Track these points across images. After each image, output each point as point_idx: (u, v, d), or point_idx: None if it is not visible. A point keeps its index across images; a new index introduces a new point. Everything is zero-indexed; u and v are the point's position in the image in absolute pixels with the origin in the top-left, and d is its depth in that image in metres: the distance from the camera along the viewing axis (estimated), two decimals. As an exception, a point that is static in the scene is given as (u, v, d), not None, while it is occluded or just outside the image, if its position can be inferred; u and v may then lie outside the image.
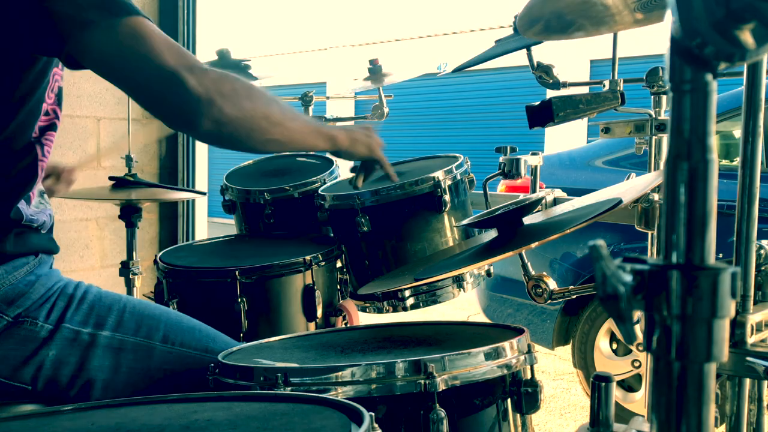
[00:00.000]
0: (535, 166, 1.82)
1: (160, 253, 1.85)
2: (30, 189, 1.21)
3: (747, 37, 0.44)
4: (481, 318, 3.94)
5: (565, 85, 1.88)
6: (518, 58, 1.88)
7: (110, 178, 2.07)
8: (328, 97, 3.15)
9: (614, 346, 3.42)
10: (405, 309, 1.76)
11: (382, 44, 13.87)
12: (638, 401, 3.25)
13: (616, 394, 3.11)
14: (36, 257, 1.20)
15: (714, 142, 0.48)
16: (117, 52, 1.07)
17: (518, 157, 1.75)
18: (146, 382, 1.24)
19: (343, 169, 2.18)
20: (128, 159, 2.22)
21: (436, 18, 13.48)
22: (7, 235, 1.17)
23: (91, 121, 3.09)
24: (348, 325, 1.79)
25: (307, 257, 1.71)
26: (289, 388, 1.03)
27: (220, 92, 1.08)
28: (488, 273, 1.92)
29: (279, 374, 1.04)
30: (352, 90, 2.79)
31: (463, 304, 5.62)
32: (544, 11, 1.32)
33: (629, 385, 3.37)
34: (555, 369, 4.35)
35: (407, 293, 1.75)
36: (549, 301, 1.50)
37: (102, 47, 1.07)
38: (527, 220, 1.37)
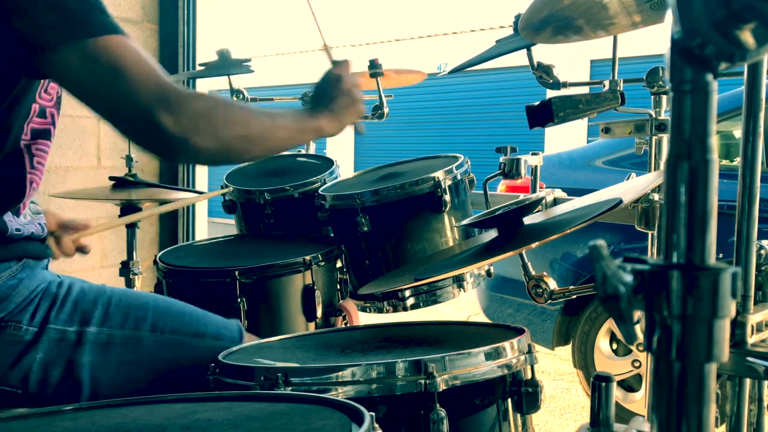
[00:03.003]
0: (535, 166, 1.82)
1: (160, 253, 1.85)
2: (16, 203, 1.16)
3: (747, 37, 0.44)
4: (481, 318, 3.94)
5: (565, 85, 1.88)
6: (518, 58, 1.87)
7: (110, 178, 2.07)
8: (328, 97, 3.13)
9: (614, 346, 3.42)
10: (405, 309, 1.76)
11: (382, 44, 13.86)
12: (638, 401, 3.25)
13: (617, 394, 3.10)
14: (19, 262, 1.17)
15: (714, 142, 0.48)
16: (81, 79, 0.97)
17: (518, 157, 1.75)
18: (139, 374, 1.22)
19: (344, 168, 2.18)
20: (128, 159, 2.22)
21: (436, 18, 13.46)
22: None
23: (91, 121, 3.09)
24: (348, 325, 1.79)
25: (307, 257, 1.71)
26: (290, 388, 1.03)
27: (195, 129, 1.01)
28: (488, 273, 1.92)
29: (279, 374, 1.04)
30: (353, 90, 2.78)
31: (463, 304, 5.61)
32: (544, 14, 1.32)
33: (629, 385, 3.37)
34: (555, 369, 4.35)
35: (407, 293, 1.75)
36: (549, 301, 1.50)
37: (65, 72, 0.97)
38: (527, 220, 1.37)
